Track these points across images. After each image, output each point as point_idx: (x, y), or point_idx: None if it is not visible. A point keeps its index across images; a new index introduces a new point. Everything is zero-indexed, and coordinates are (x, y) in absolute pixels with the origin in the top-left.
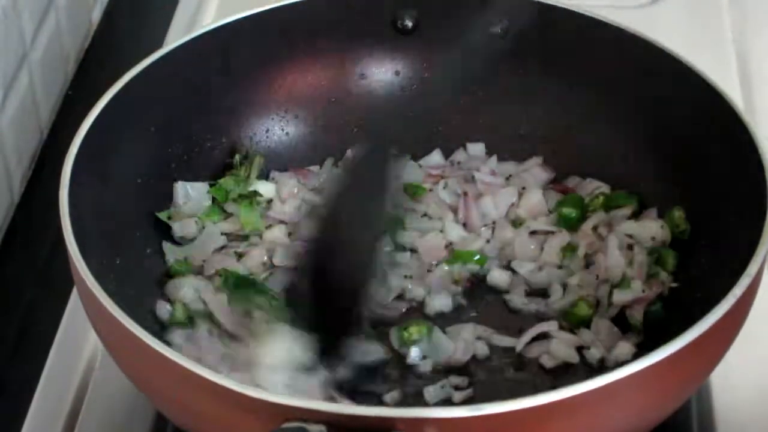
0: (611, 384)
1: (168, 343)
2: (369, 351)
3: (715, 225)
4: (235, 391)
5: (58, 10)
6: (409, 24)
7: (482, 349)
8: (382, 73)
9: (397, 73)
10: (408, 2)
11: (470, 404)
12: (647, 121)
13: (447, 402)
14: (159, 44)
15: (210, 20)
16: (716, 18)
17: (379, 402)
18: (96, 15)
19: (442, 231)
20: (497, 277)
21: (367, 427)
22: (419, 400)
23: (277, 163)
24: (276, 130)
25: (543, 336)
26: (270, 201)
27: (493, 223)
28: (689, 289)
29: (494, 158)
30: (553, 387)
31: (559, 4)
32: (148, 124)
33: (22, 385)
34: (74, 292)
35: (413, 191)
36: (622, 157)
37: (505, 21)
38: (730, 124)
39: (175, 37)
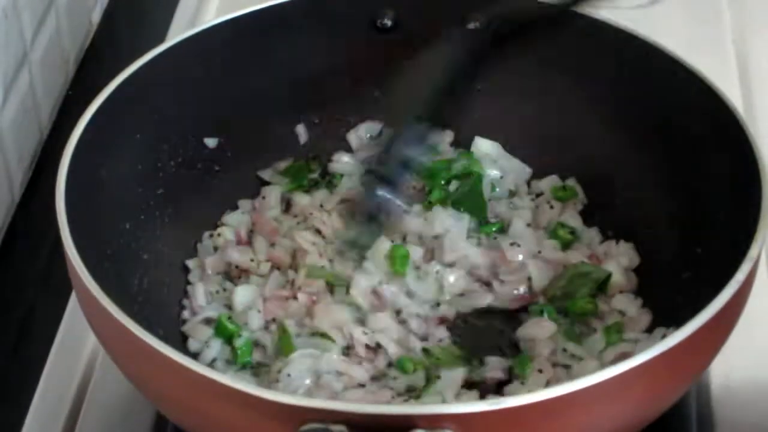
0: (628, 372)
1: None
2: None
3: (712, 226)
4: (251, 394)
5: (58, 11)
6: (388, 23)
7: None
8: (363, 72)
9: (378, 72)
10: (386, 1)
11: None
12: (646, 121)
13: None
14: (159, 44)
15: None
16: (716, 18)
17: None
18: (96, 15)
19: None
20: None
21: (387, 426)
22: None
23: (267, 161)
24: (269, 128)
25: None
26: None
27: None
28: (687, 284)
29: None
30: None
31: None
32: (146, 124)
33: (22, 385)
34: (74, 292)
35: None
36: (620, 156)
37: (483, 17)
38: (728, 125)
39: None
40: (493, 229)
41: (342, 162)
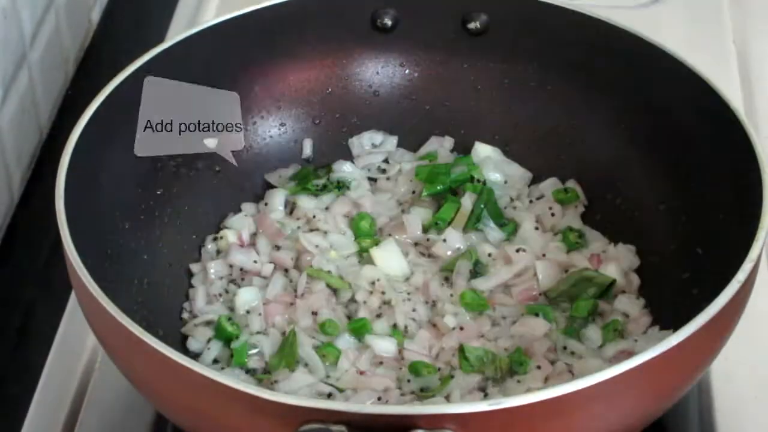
0: (629, 372)
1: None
2: None
3: (713, 226)
4: (251, 394)
5: (57, 10)
6: (389, 23)
7: None
8: (362, 72)
9: (377, 72)
10: (386, 1)
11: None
12: (646, 122)
13: None
14: (159, 44)
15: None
16: (717, 18)
17: None
18: (95, 15)
19: None
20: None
21: (387, 425)
22: None
23: (270, 163)
24: (263, 128)
25: None
26: None
27: None
28: (688, 285)
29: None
30: None
31: (559, 3)
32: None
33: (22, 385)
34: (74, 292)
35: None
36: (620, 157)
37: (484, 16)
38: (729, 125)
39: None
40: (508, 232)
41: (342, 170)
